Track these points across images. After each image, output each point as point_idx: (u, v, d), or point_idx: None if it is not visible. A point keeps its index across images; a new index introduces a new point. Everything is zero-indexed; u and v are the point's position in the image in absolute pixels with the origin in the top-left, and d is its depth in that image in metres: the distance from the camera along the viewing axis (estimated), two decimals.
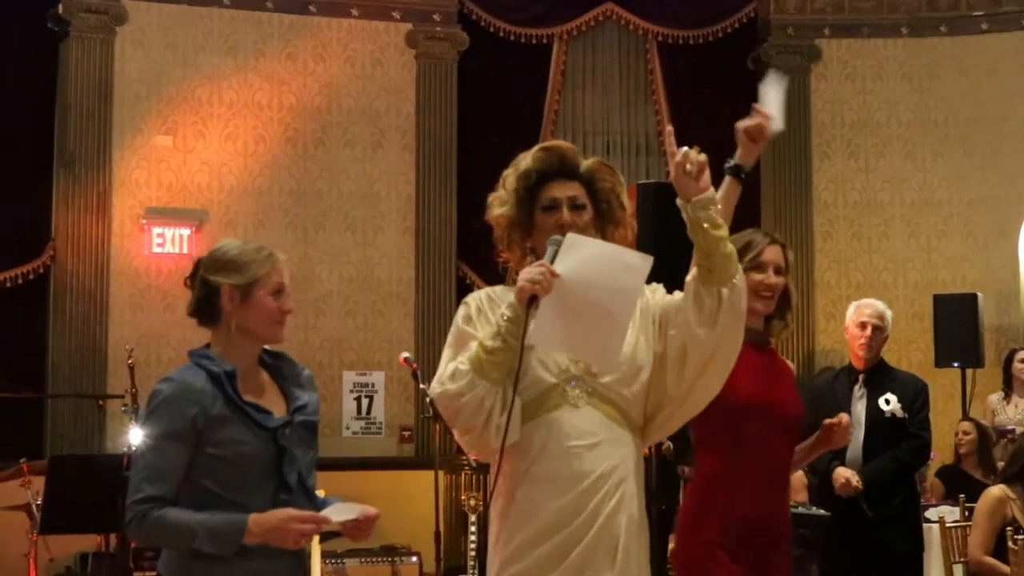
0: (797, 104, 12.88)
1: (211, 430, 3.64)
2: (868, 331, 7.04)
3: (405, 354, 8.13)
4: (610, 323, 3.53)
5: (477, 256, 12.16)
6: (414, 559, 9.36)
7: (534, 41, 12.62)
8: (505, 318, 3.49)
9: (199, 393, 3.64)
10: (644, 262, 3.53)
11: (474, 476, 10.58)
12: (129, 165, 11.38)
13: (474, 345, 3.54)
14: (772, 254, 4.59)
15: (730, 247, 3.65)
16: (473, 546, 9.10)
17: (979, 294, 11.25)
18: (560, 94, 12.66)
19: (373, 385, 11.46)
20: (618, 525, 3.60)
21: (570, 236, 3.57)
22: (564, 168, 3.77)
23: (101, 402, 10.20)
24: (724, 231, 3.65)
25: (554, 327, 3.49)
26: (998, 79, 12.65)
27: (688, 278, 3.69)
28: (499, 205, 3.79)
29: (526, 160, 3.78)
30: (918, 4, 13.00)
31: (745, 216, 10.59)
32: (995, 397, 10.33)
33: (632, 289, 3.54)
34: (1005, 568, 6.77)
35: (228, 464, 3.65)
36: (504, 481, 3.61)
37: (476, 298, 3.76)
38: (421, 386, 7.84)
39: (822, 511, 6.37)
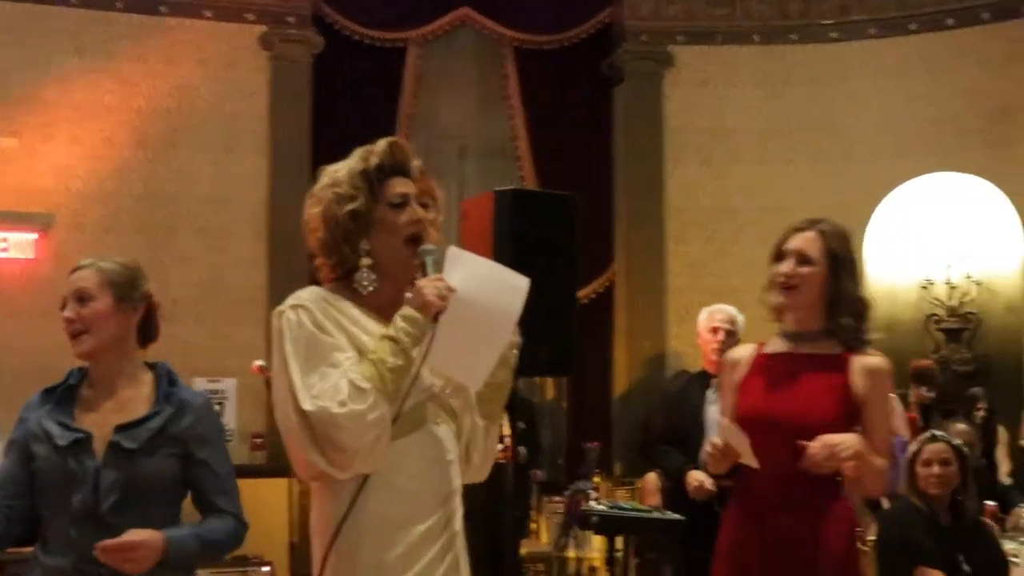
0: (650, 110, 12.98)
1: (31, 445, 3.71)
2: (720, 336, 7.12)
3: (259, 362, 8.00)
4: (487, 344, 3.44)
5: None
6: (266, 569, 9.20)
7: (389, 45, 12.55)
8: (406, 332, 3.31)
9: (27, 408, 3.79)
10: (524, 283, 3.43)
11: None
12: None
13: (341, 355, 3.34)
14: (797, 241, 4.38)
15: None
16: None
17: None
18: (415, 98, 12.60)
19: (224, 392, 11.28)
20: (461, 542, 3.53)
21: (452, 249, 3.44)
22: (404, 166, 3.61)
23: None
24: None
25: (442, 345, 3.36)
26: (847, 87, 12.87)
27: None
28: (346, 201, 3.50)
29: (375, 155, 3.58)
30: (770, 12, 13.18)
31: (596, 219, 10.67)
32: None
33: (514, 311, 3.43)
34: None
35: (38, 483, 3.70)
36: (364, 502, 3.35)
37: (315, 302, 3.43)
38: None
39: (676, 515, 6.40)
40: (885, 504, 7.05)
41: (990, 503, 7.74)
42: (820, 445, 3.99)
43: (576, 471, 10.33)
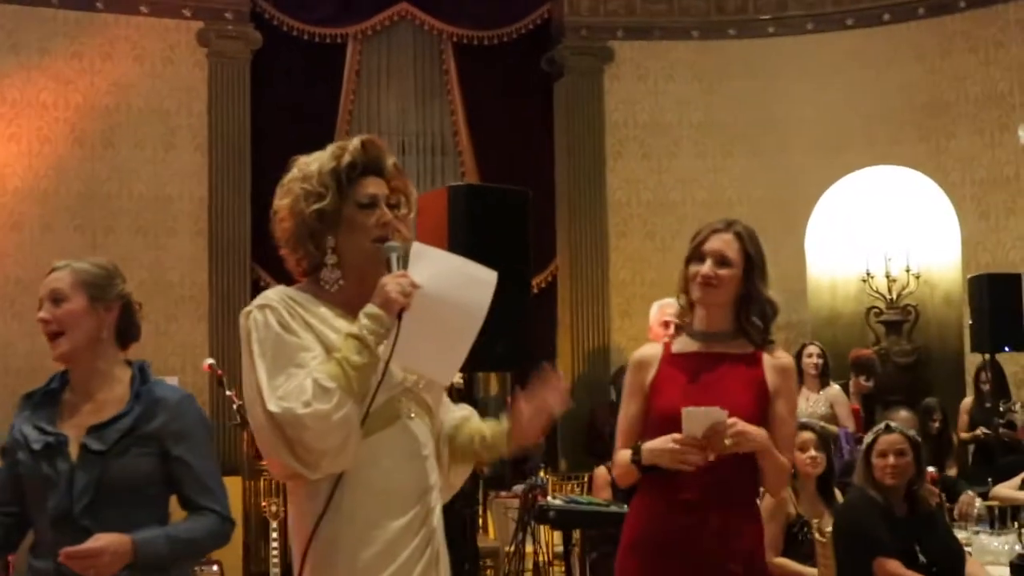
0: (590, 105, 13.01)
1: (16, 451, 3.72)
2: (671, 329, 7.10)
3: (209, 360, 7.94)
4: (455, 338, 3.40)
5: (272, 259, 11.89)
6: (215, 568, 9.14)
7: (328, 40, 12.49)
8: (371, 330, 3.26)
9: (15, 413, 3.80)
10: (492, 277, 3.41)
11: (274, 483, 10.41)
12: None
13: (307, 355, 3.29)
14: (716, 243, 4.35)
15: None
16: (275, 553, 8.93)
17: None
18: (355, 94, 12.57)
19: (181, 391, 11.14)
20: (440, 538, 3.49)
21: (417, 245, 3.39)
22: (378, 165, 3.54)
23: None
24: None
25: (407, 341, 3.32)
26: (784, 81, 12.95)
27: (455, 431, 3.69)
28: (314, 199, 3.43)
29: (348, 153, 3.49)
30: (707, 7, 13.25)
31: (538, 218, 10.65)
32: None
33: (481, 305, 3.39)
34: (796, 567, 6.90)
35: (23, 486, 3.70)
36: (340, 500, 3.31)
37: (281, 302, 3.39)
38: (228, 393, 7.64)
39: None
40: (839, 496, 7.07)
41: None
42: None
43: (521, 466, 10.32)
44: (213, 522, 3.79)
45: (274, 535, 8.99)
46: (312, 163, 3.52)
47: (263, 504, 9.46)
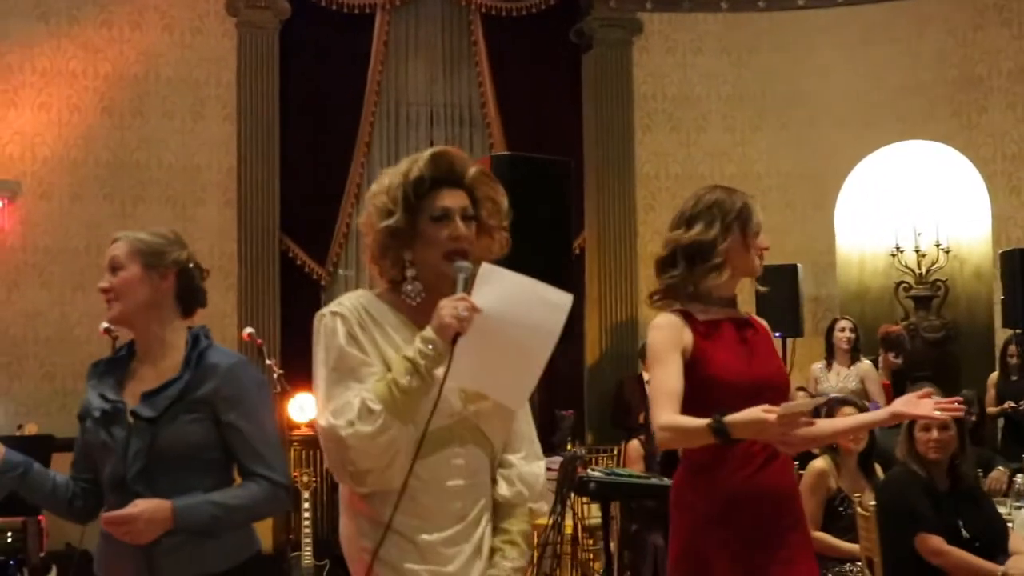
0: (619, 77, 12.95)
1: (85, 419, 3.82)
2: None
3: (249, 329, 7.92)
4: (525, 362, 3.35)
5: (300, 229, 11.97)
6: None
7: (356, 11, 12.42)
8: (423, 354, 3.23)
9: (86, 382, 3.89)
10: (565, 300, 3.33)
11: (304, 452, 10.44)
12: None
13: (368, 370, 3.30)
14: (760, 215, 4.31)
15: None
16: (307, 523, 8.94)
17: (799, 265, 11.43)
18: (383, 65, 12.50)
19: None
20: (486, 553, 3.49)
21: (485, 266, 3.33)
22: (453, 176, 3.47)
23: None
24: None
25: (468, 365, 3.27)
26: (814, 55, 12.88)
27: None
28: (384, 216, 3.41)
29: (417, 166, 3.44)
30: None
31: (558, 189, 10.57)
32: (818, 366, 10.54)
33: (553, 330, 3.32)
34: (836, 542, 6.89)
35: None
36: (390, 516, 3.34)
37: (353, 311, 3.40)
38: (268, 362, 7.63)
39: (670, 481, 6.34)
40: (879, 471, 7.05)
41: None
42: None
43: (550, 440, 10.31)
44: (264, 488, 3.78)
45: (306, 505, 8.99)
46: (391, 177, 3.48)
47: (295, 474, 9.45)
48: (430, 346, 3.24)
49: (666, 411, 4.01)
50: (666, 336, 4.12)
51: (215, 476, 3.79)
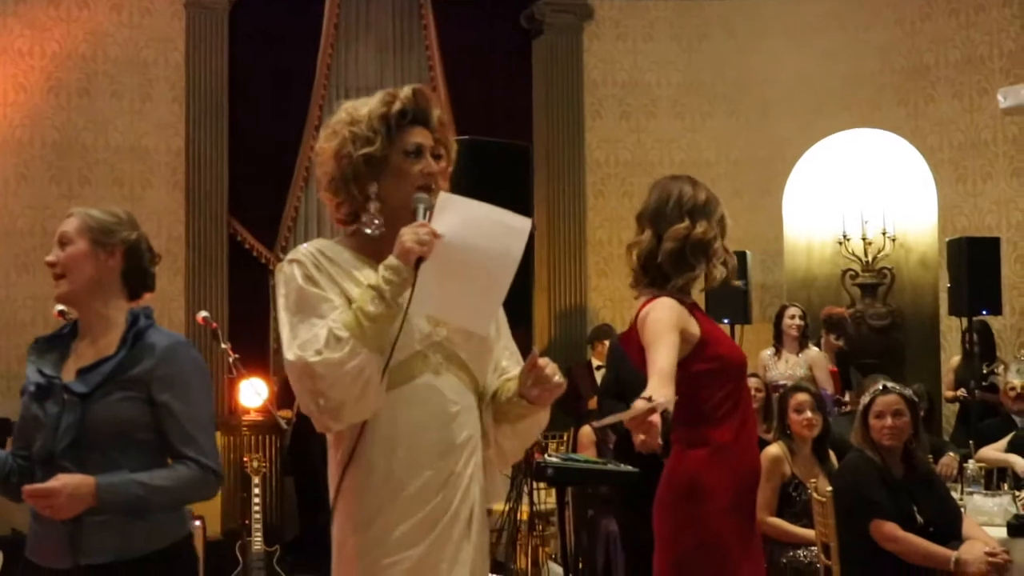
0: (569, 63, 12.94)
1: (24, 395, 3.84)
2: None
3: (203, 313, 7.83)
4: (489, 287, 3.36)
5: (249, 213, 11.88)
6: (197, 523, 9.07)
7: None
8: (387, 281, 3.26)
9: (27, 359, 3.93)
10: (524, 224, 3.37)
11: (253, 437, 10.38)
12: None
13: (329, 306, 3.32)
14: None
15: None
16: (257, 508, 8.89)
17: (747, 252, 11.48)
18: (333, 48, 12.42)
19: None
20: (473, 495, 3.45)
21: (443, 195, 3.38)
22: (425, 115, 3.54)
23: None
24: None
25: (431, 291, 3.30)
26: (764, 42, 12.92)
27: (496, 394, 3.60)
28: (362, 143, 3.45)
29: (400, 100, 3.50)
30: None
31: (516, 174, 10.59)
32: (767, 353, 10.60)
33: (514, 252, 3.35)
34: (790, 527, 6.94)
35: None
36: (361, 453, 3.36)
37: (308, 255, 3.43)
38: (223, 346, 7.57)
39: (630, 467, 6.37)
40: (832, 458, 7.11)
41: None
42: None
43: None
44: (193, 472, 3.77)
45: (256, 491, 8.95)
46: (361, 107, 3.54)
47: (245, 459, 9.41)
48: (393, 272, 3.26)
49: (659, 387, 4.03)
50: (671, 316, 4.23)
51: (146, 457, 3.76)
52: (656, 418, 3.66)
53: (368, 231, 3.46)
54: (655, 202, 4.46)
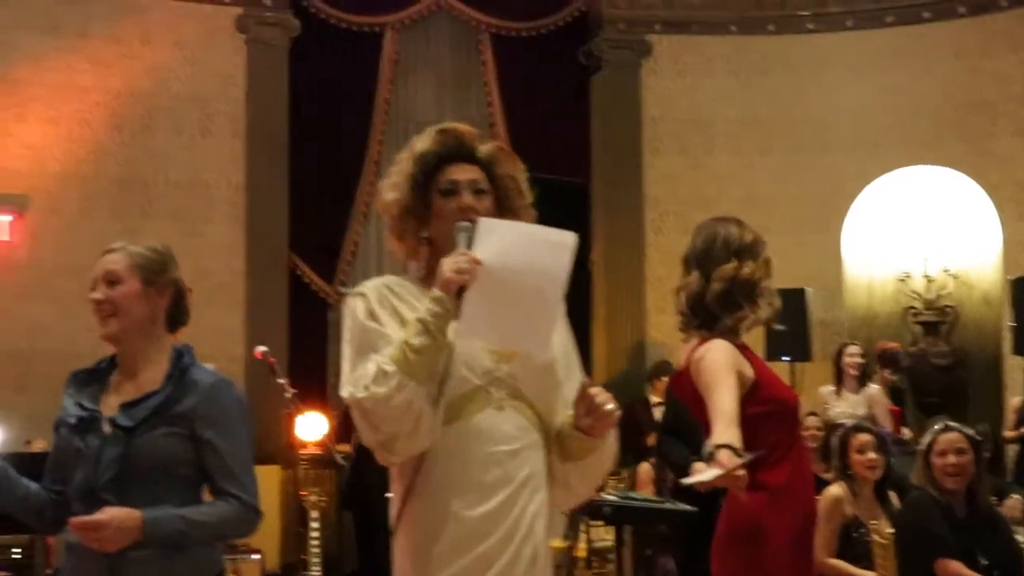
0: (627, 99, 12.94)
1: (60, 428, 3.76)
2: None
3: (262, 348, 7.85)
4: (539, 307, 3.30)
5: (310, 247, 11.93)
6: (255, 556, 9.11)
7: (366, 29, 12.43)
8: (432, 312, 3.22)
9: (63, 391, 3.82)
10: (567, 239, 3.28)
11: (311, 471, 10.37)
12: None
13: (387, 343, 3.31)
14: None
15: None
16: (315, 542, 8.87)
17: (807, 289, 11.41)
18: (392, 83, 12.50)
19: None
20: (537, 535, 3.39)
21: (483, 221, 3.30)
22: (462, 151, 3.49)
23: None
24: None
25: (481, 318, 3.25)
26: (823, 78, 12.89)
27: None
28: (390, 190, 3.48)
29: (422, 142, 3.50)
30: (746, 2, 13.18)
31: (573, 211, 10.61)
32: (826, 390, 10.48)
33: (560, 267, 3.26)
34: (852, 569, 6.84)
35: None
36: (421, 486, 3.33)
37: (374, 290, 3.42)
38: (280, 380, 7.58)
39: (688, 506, 6.33)
40: (893, 499, 7.01)
41: None
42: None
43: None
44: (235, 508, 3.75)
45: (314, 524, 8.92)
46: (402, 157, 3.54)
47: (303, 493, 9.39)
48: (437, 304, 3.24)
49: (723, 433, 4.01)
50: (726, 358, 4.17)
51: (184, 492, 3.75)
52: (743, 471, 3.67)
53: (416, 276, 3.48)
54: (702, 243, 4.42)
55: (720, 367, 4.13)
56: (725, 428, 3.89)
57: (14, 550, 8.37)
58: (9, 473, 3.66)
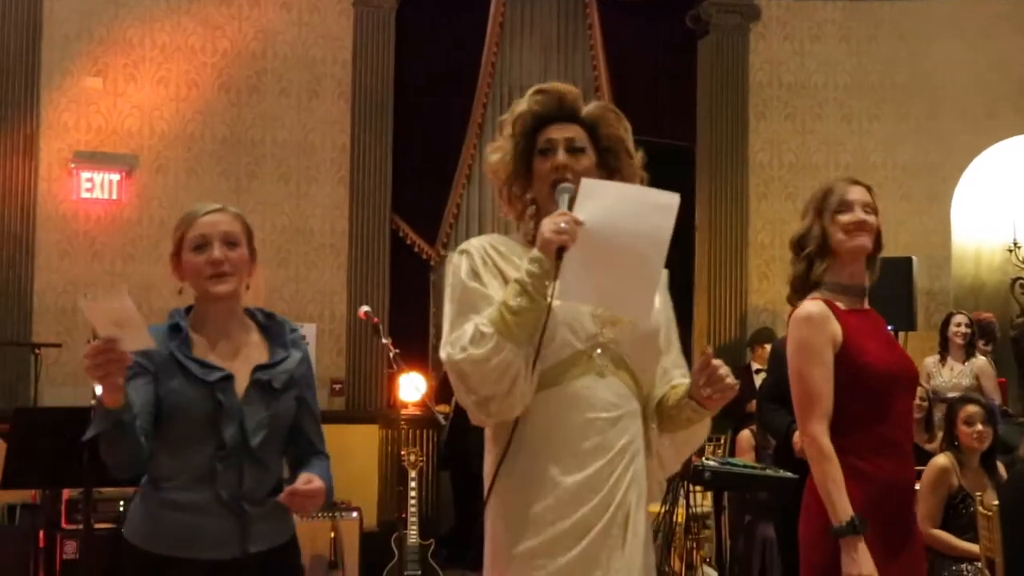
0: (735, 64, 12.81)
1: (158, 381, 3.70)
2: None
3: (365, 308, 7.92)
4: (641, 270, 3.27)
5: (411, 209, 11.97)
6: (354, 514, 9.19)
7: None
8: (530, 273, 3.21)
9: (159, 341, 3.71)
10: (672, 200, 3.26)
11: (410, 431, 10.45)
12: (58, 107, 11.02)
13: (488, 304, 3.29)
14: (858, 193, 4.23)
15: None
16: (414, 502, 8.95)
17: (913, 257, 11.26)
18: (498, 47, 12.46)
19: (304, 338, 11.19)
20: (629, 502, 3.37)
21: (585, 181, 3.29)
22: (563, 110, 3.50)
23: (37, 351, 9.87)
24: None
25: (582, 280, 3.22)
26: (935, 45, 12.67)
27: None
28: (494, 152, 3.53)
29: (522, 103, 3.52)
30: None
31: (678, 173, 10.55)
32: (931, 360, 10.38)
33: (663, 230, 3.24)
34: (955, 541, 6.77)
35: (166, 416, 3.68)
36: (517, 450, 3.32)
37: (478, 249, 3.43)
38: (384, 341, 7.64)
39: (788, 473, 6.29)
40: (1002, 470, 6.92)
41: None
42: None
43: None
44: (329, 465, 3.90)
45: (412, 485, 9.00)
46: (504, 119, 3.58)
47: (402, 453, 9.48)
48: (536, 264, 3.22)
49: (817, 423, 3.99)
50: (818, 330, 4.09)
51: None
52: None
53: (527, 238, 3.48)
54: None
55: (810, 344, 4.10)
56: (812, 417, 4.05)
57: (120, 503, 8.48)
58: (136, 421, 3.67)
